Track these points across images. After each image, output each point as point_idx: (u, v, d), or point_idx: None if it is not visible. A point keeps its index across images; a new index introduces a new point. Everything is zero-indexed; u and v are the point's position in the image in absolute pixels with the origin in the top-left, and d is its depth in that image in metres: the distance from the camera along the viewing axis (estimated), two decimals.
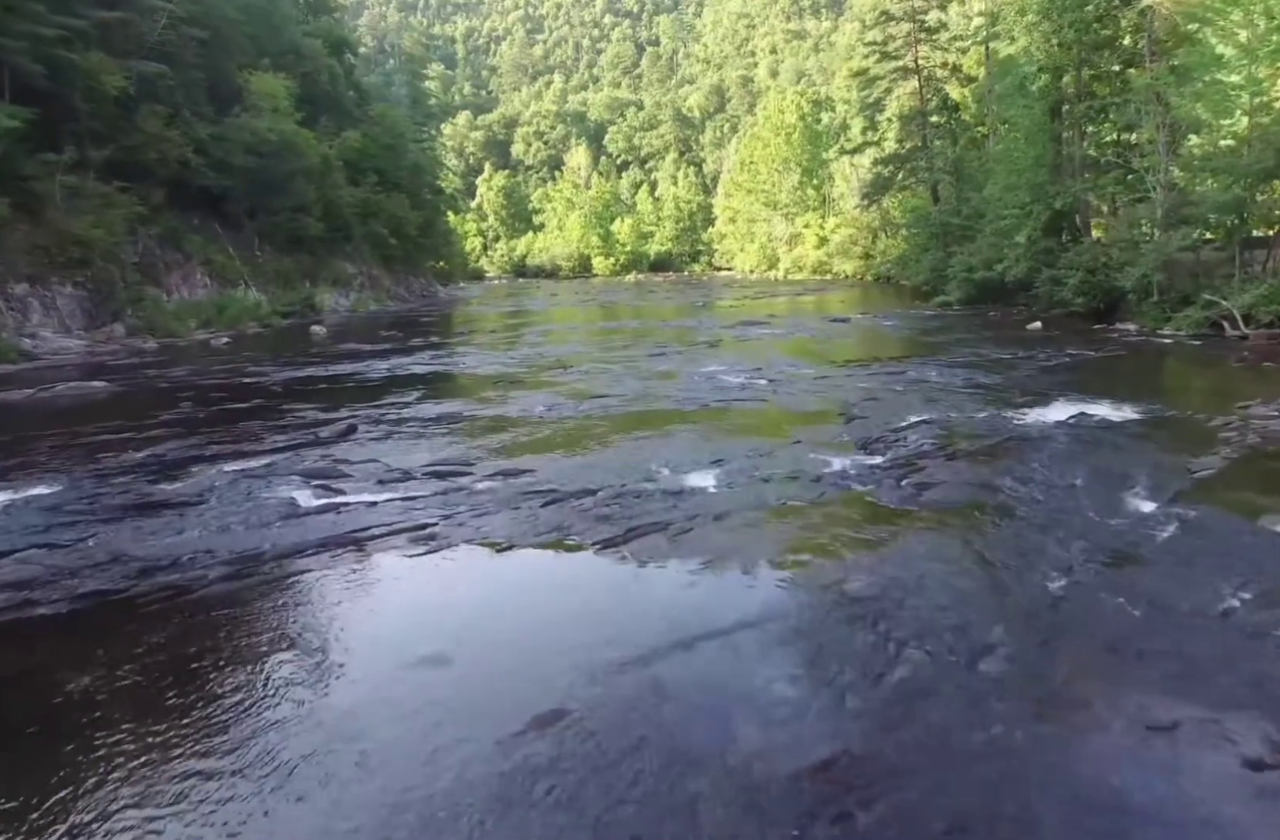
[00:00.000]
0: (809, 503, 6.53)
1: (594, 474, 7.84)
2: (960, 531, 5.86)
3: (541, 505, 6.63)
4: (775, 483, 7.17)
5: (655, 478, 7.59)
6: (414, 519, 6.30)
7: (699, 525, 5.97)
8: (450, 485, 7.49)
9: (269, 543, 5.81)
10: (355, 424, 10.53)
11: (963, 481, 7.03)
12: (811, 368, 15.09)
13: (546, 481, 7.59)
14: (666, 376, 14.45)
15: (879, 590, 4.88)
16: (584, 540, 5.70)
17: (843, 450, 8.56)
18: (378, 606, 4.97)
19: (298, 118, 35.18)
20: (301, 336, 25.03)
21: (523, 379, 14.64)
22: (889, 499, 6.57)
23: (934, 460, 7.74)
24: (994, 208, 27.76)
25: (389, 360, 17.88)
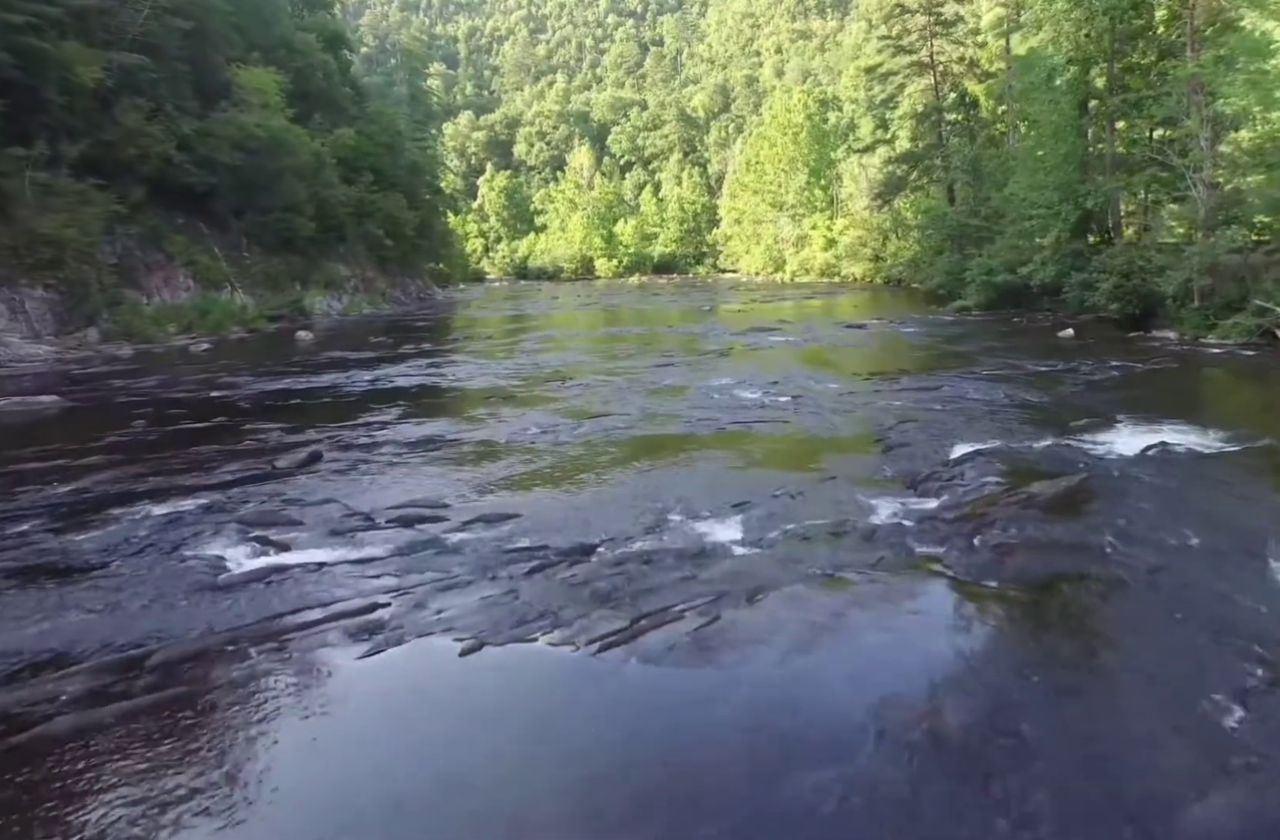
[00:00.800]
0: (863, 573, 5.16)
1: (592, 522, 6.49)
2: (1071, 625, 4.50)
3: (526, 573, 5.26)
4: (816, 540, 5.81)
5: (667, 529, 6.23)
6: (363, 593, 4.94)
7: (727, 611, 4.60)
8: (417, 538, 6.14)
9: (166, 632, 4.45)
10: (321, 451, 9.18)
11: (1050, 541, 5.65)
12: (834, 382, 13.73)
13: (534, 532, 6.24)
14: (675, 392, 13.10)
15: (981, 731, 3.50)
16: (574, 635, 4.31)
17: (888, 490, 7.21)
18: (293, 744, 3.61)
19: (289, 114, 33.89)
20: (286, 343, 23.70)
21: (516, 394, 13.29)
22: (964, 568, 5.20)
23: (1004, 508, 6.37)
24: (1017, 208, 26.38)
25: (374, 370, 16.55)
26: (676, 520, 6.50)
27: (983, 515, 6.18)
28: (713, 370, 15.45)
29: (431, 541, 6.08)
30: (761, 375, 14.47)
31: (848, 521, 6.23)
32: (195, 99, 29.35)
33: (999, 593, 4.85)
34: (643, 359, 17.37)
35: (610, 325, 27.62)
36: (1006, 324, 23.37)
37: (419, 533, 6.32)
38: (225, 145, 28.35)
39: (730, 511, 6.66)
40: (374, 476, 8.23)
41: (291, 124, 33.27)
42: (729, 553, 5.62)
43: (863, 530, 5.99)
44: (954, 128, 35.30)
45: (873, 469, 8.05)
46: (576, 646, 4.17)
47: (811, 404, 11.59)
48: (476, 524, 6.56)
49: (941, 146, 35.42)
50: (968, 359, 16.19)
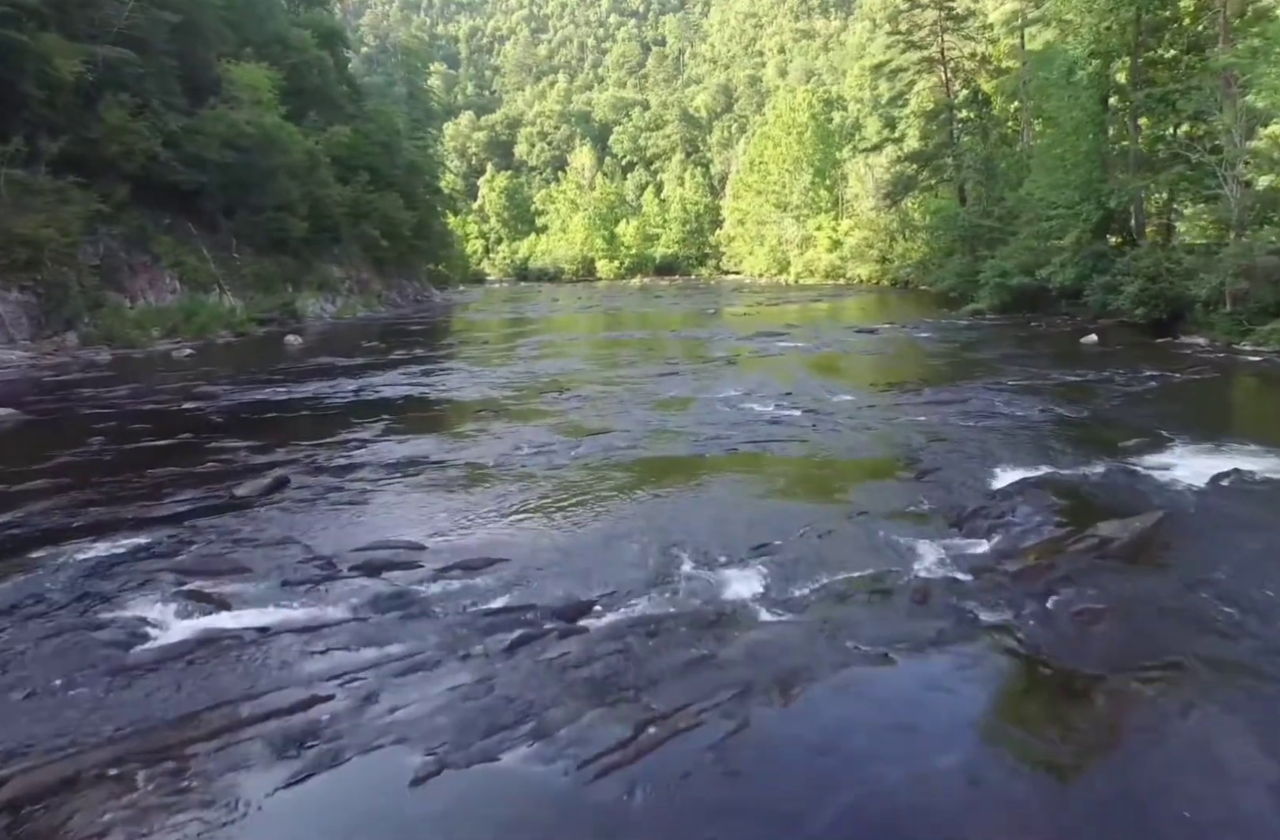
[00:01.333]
0: (920, 655, 4.19)
1: (588, 570, 5.56)
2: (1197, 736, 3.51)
3: (506, 648, 4.31)
4: (856, 602, 4.85)
5: (676, 581, 5.29)
6: (304, 679, 3.99)
7: (757, 711, 3.63)
8: (382, 593, 5.19)
9: (35, 745, 3.48)
10: (288, 476, 8.23)
11: (1140, 603, 4.70)
12: (851, 393, 12.78)
13: (521, 584, 5.31)
14: (680, 405, 12.16)
15: None
16: (561, 752, 3.33)
17: (929, 529, 6.27)
18: None
19: (282, 112, 33.00)
20: (273, 348, 22.77)
21: (510, 407, 12.34)
22: (1044, 645, 4.23)
23: (1074, 557, 5.42)
24: (1033, 208, 25.41)
25: (360, 379, 15.60)
26: (687, 568, 5.56)
27: (1050, 567, 5.23)
28: (720, 379, 14.51)
29: (398, 598, 5.13)
30: (772, 385, 13.54)
31: (890, 574, 5.27)
32: (184, 95, 28.47)
33: (1094, 682, 3.88)
34: (645, 366, 16.43)
35: (611, 329, 26.66)
36: (1024, 328, 22.41)
37: (385, 585, 5.37)
38: (214, 143, 27.45)
39: (749, 557, 5.71)
40: (344, 508, 7.28)
41: (285, 122, 32.38)
42: (753, 619, 4.66)
43: (910, 587, 5.03)
44: (965, 126, 34.31)
45: (907, 500, 7.10)
46: (564, 769, 3.20)
47: (829, 419, 10.64)
48: (454, 572, 5.62)
49: (952, 145, 34.43)
50: (990, 367, 15.25)
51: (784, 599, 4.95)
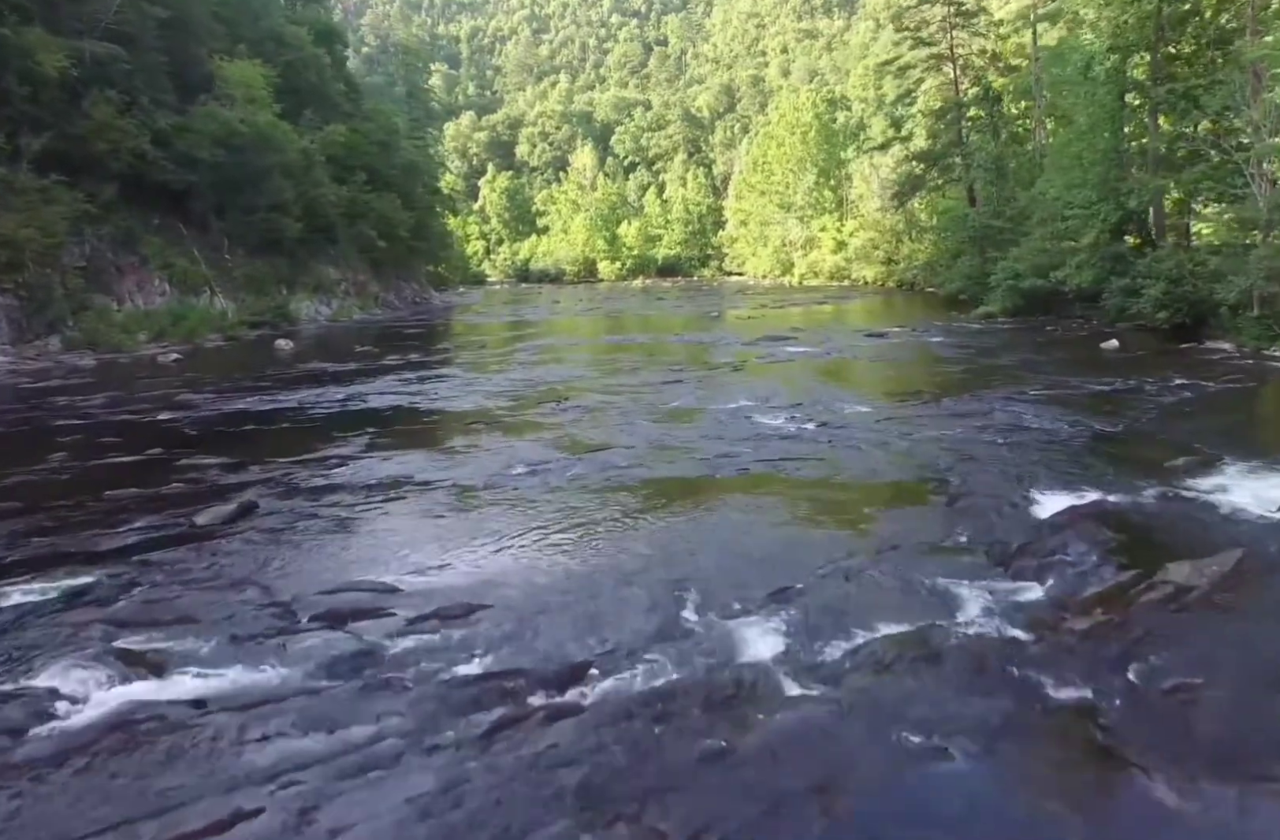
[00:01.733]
0: (985, 744, 3.43)
1: (582, 622, 4.84)
2: None
3: (480, 737, 3.56)
4: (898, 670, 4.10)
5: (684, 641, 4.56)
6: (230, 784, 3.25)
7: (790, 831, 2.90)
8: (342, 653, 4.46)
9: None
10: (256, 500, 7.51)
11: (1245, 674, 3.95)
12: (865, 404, 12.03)
13: (503, 642, 4.59)
14: (685, 417, 11.42)
15: None
16: None
17: (971, 569, 5.53)
18: None
19: (277, 110, 32.29)
20: (263, 352, 22.06)
21: (504, 419, 11.60)
22: (1134, 734, 3.47)
23: (1148, 610, 4.67)
24: (1047, 208, 24.67)
25: (350, 386, 14.88)
26: (697, 619, 4.84)
27: (1122, 624, 4.48)
28: (726, 388, 13.76)
29: (361, 659, 4.40)
30: (781, 395, 12.80)
31: (933, 630, 4.53)
32: (174, 92, 27.81)
33: (1205, 787, 3.13)
34: (648, 373, 15.69)
35: (613, 333, 25.91)
36: (1040, 333, 21.62)
37: (349, 640, 4.64)
38: (205, 141, 26.77)
39: (768, 604, 4.99)
40: (314, 540, 6.55)
41: (279, 120, 31.67)
42: (776, 693, 3.92)
43: (959, 649, 4.28)
44: (974, 124, 33.54)
45: (941, 531, 6.36)
46: None
47: (845, 434, 9.90)
48: (430, 622, 4.90)
49: (961, 144, 33.65)
50: (1009, 375, 14.50)
51: (811, 664, 4.21)
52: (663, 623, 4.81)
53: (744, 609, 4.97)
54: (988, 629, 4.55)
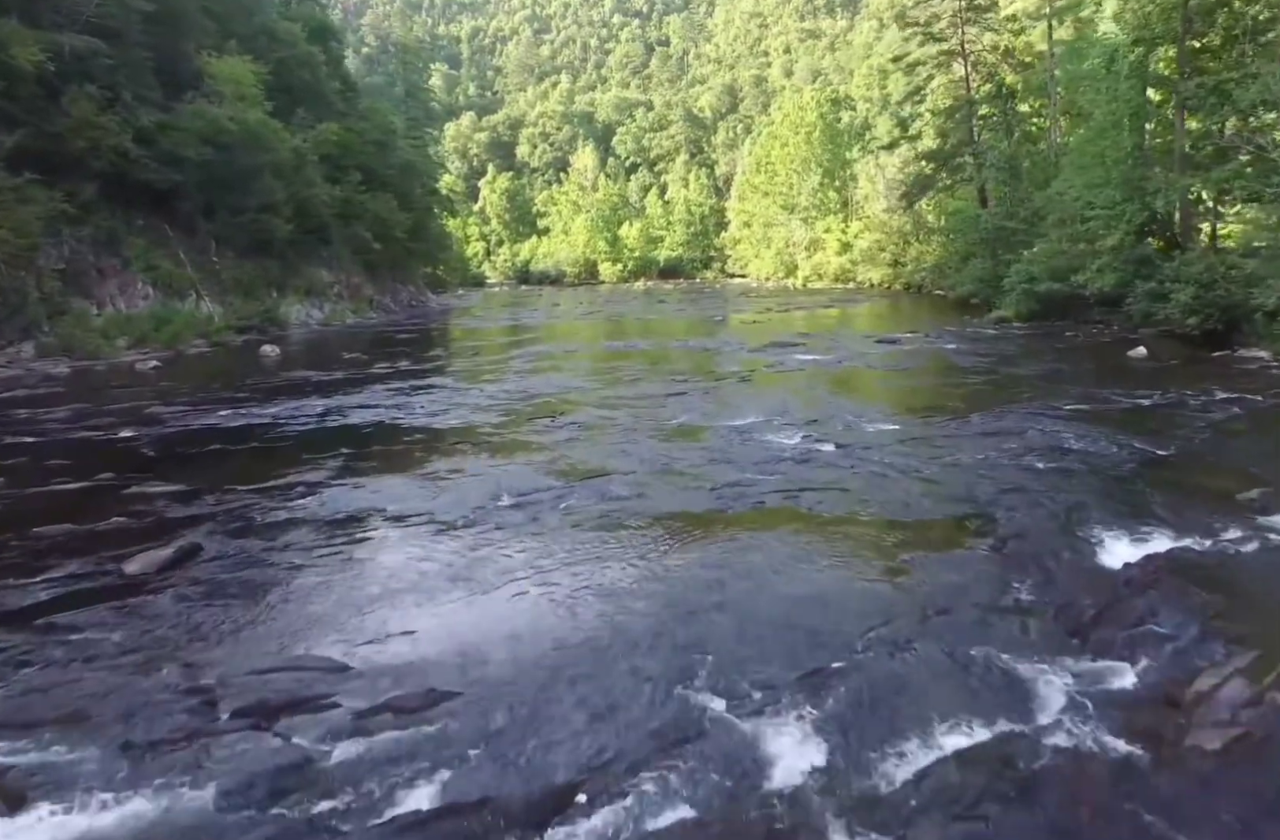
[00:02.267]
0: None
1: (564, 725, 3.86)
2: None
3: None
4: (976, 812, 3.14)
5: (694, 753, 3.59)
6: None
7: None
8: (254, 777, 3.49)
9: None
10: (201, 542, 6.56)
11: None
12: (887, 420, 11.06)
13: (465, 755, 3.62)
14: (691, 435, 10.46)
15: None
16: None
17: (1041, 642, 4.58)
18: None
19: (268, 108, 31.38)
20: (247, 359, 21.13)
21: (493, 437, 10.65)
22: None
23: None
24: (1065, 208, 23.70)
25: (332, 398, 13.93)
26: (710, 718, 3.88)
27: (1269, 739, 3.49)
28: (734, 401, 12.80)
29: (284, 780, 3.44)
30: (794, 409, 11.83)
31: (1012, 742, 3.56)
32: (160, 89, 26.89)
33: None
34: (649, 384, 14.73)
35: (613, 338, 24.93)
36: (1059, 338, 20.62)
37: (273, 750, 3.68)
38: (192, 139, 25.84)
39: (798, 696, 4.03)
40: (258, 596, 5.58)
41: (270, 118, 30.75)
42: (811, 829, 2.95)
43: (1053, 776, 3.31)
44: (986, 122, 32.56)
45: (995, 587, 5.40)
46: None
47: (869, 458, 8.93)
48: (380, 718, 3.95)
49: (973, 143, 32.68)
50: (1037, 387, 13.52)
51: (861, 795, 3.24)
52: (670, 722, 3.85)
53: (769, 700, 4.01)
54: (1082, 739, 3.57)
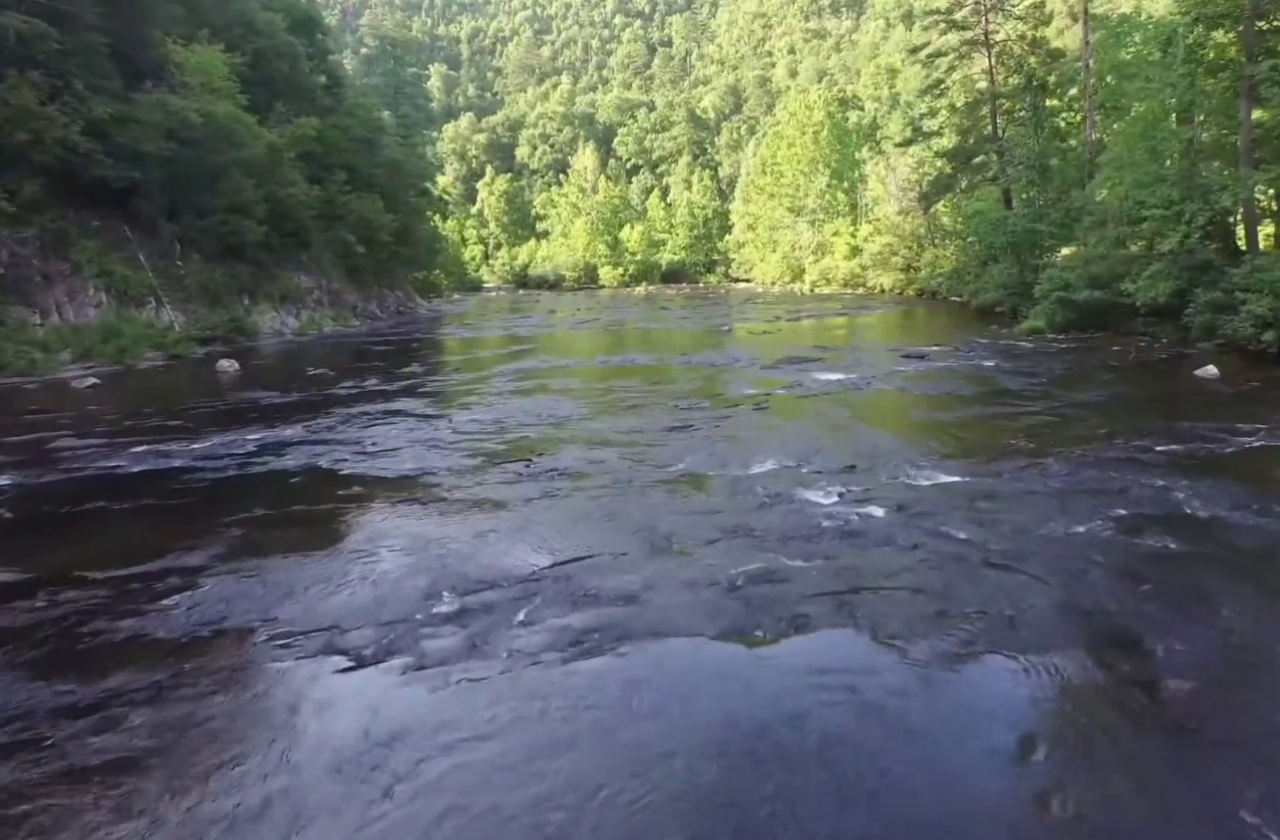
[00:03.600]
0: None
1: None
2: None
3: None
4: None
5: None
6: None
7: None
8: None
9: None
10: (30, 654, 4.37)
11: None
12: (943, 468, 8.84)
13: None
14: (699, 490, 8.27)
15: None
16: None
17: None
18: None
19: (243, 101, 29.29)
20: (200, 376, 18.99)
21: (449, 490, 8.45)
22: None
23: None
24: (1106, 209, 21.56)
25: (273, 429, 11.75)
26: None
27: None
28: (749, 438, 10.61)
29: None
30: (825, 450, 9.65)
31: None
32: (120, 79, 24.72)
33: None
34: (648, 413, 12.54)
35: (610, 352, 22.72)
36: (1106, 354, 18.39)
37: None
38: (152, 133, 23.70)
39: None
40: (82, 750, 3.39)
41: (243, 112, 28.64)
42: None
43: None
44: (1012, 117, 30.37)
45: (1201, 791, 3.21)
46: None
47: (934, 528, 6.75)
48: None
49: (997, 140, 30.54)
50: (1109, 418, 11.35)
51: None
52: None
53: None
54: None
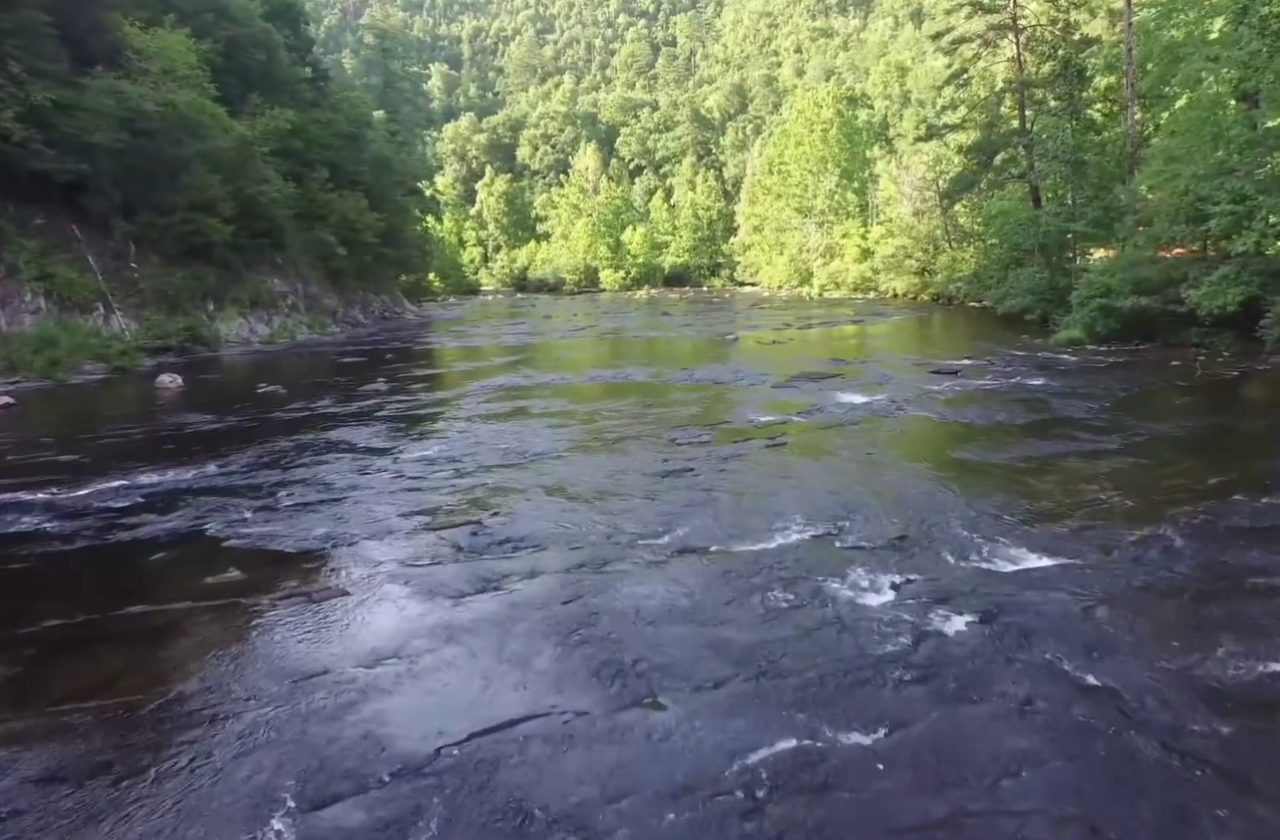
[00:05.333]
0: None
1: None
2: None
3: None
4: None
5: None
6: None
7: None
8: None
9: None
10: None
11: None
12: (1015, 535, 6.56)
13: None
14: (695, 573, 5.99)
15: None
16: None
17: None
18: None
19: (212, 91, 27.19)
20: (136, 393, 16.79)
21: (358, 576, 6.17)
22: None
23: None
24: (1159, 205, 19.30)
25: (180, 470, 9.53)
26: None
27: None
28: (762, 489, 8.35)
29: None
30: (864, 511, 7.41)
31: None
32: (68, 62, 22.56)
33: None
34: (637, 450, 10.28)
35: (602, 366, 20.42)
36: (1165, 369, 16.05)
37: None
38: (103, 122, 21.52)
39: None
40: None
41: (212, 103, 26.52)
42: None
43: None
44: (1044, 108, 28.09)
45: None
46: None
47: (1041, 656, 4.52)
48: None
49: (1026, 133, 28.28)
50: (1217, 459, 9.12)
51: None
52: None
53: None
54: None
